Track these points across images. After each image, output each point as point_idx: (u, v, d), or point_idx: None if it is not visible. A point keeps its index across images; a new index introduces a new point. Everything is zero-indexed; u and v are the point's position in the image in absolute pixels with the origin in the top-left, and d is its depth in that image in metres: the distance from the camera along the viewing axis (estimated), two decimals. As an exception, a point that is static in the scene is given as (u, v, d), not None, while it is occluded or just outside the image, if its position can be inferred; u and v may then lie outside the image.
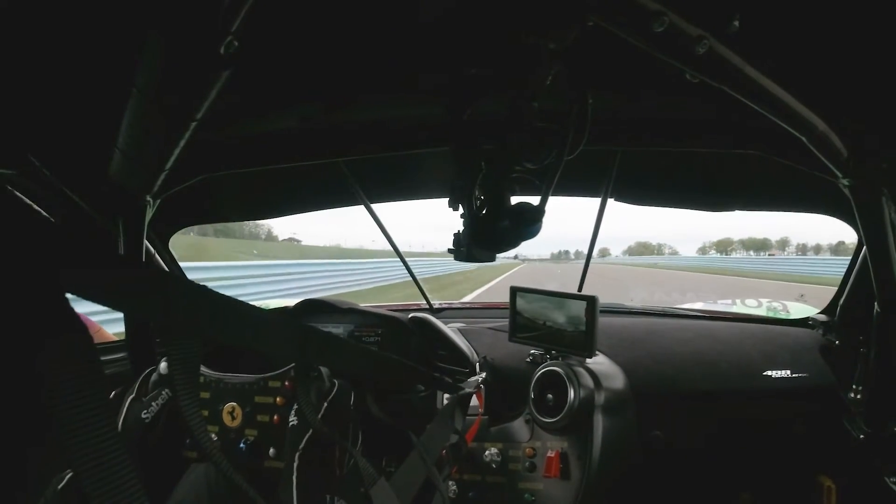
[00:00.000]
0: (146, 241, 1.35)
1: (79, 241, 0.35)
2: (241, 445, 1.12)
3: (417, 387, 1.47)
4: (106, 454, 0.35)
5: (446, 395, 1.38)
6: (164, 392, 1.15)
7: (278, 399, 1.11)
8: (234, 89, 0.81)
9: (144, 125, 0.91)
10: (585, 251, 1.90)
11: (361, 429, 1.15)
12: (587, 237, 1.83)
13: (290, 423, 1.05)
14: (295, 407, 1.05)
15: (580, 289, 1.81)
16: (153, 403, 1.15)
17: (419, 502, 0.97)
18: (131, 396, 1.18)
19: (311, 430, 1.00)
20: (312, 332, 0.64)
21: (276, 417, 1.10)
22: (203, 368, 1.20)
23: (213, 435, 1.15)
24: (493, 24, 0.79)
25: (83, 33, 0.77)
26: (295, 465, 0.98)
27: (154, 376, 1.18)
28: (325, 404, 1.06)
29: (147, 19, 0.69)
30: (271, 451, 1.10)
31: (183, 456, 1.20)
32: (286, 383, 1.11)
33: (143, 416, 1.15)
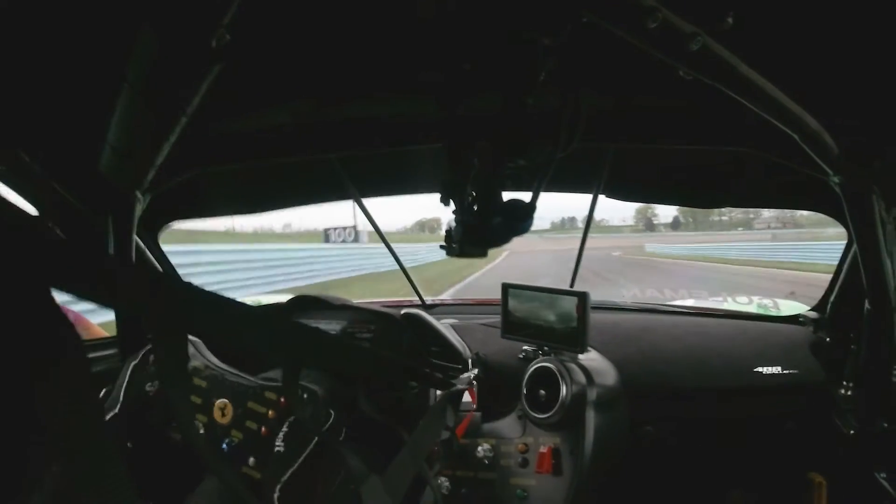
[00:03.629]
0: (136, 237, 1.34)
1: (67, 237, 0.34)
2: (224, 445, 1.11)
3: (410, 383, 1.47)
4: (96, 458, 0.34)
5: (438, 392, 1.38)
6: None
7: (270, 412, 1.09)
8: (226, 84, 0.80)
9: (135, 120, 0.90)
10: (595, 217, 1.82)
11: (351, 425, 1.14)
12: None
13: (276, 449, 1.01)
14: (284, 430, 1.02)
15: (572, 284, 1.82)
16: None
17: (411, 499, 0.97)
18: (134, 362, 1.17)
19: (295, 464, 0.98)
20: (303, 329, 0.64)
21: (264, 429, 1.08)
22: (209, 358, 1.20)
23: (199, 424, 1.14)
24: (486, 20, 0.79)
25: (73, 26, 0.76)
26: (276, 496, 0.96)
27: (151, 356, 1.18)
28: (315, 439, 1.01)
29: (138, 12, 0.68)
30: (251, 459, 1.07)
31: (168, 436, 1.18)
32: (281, 399, 1.09)
33: (148, 388, 1.15)
